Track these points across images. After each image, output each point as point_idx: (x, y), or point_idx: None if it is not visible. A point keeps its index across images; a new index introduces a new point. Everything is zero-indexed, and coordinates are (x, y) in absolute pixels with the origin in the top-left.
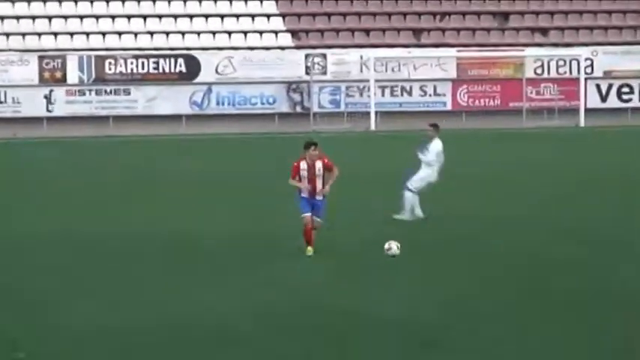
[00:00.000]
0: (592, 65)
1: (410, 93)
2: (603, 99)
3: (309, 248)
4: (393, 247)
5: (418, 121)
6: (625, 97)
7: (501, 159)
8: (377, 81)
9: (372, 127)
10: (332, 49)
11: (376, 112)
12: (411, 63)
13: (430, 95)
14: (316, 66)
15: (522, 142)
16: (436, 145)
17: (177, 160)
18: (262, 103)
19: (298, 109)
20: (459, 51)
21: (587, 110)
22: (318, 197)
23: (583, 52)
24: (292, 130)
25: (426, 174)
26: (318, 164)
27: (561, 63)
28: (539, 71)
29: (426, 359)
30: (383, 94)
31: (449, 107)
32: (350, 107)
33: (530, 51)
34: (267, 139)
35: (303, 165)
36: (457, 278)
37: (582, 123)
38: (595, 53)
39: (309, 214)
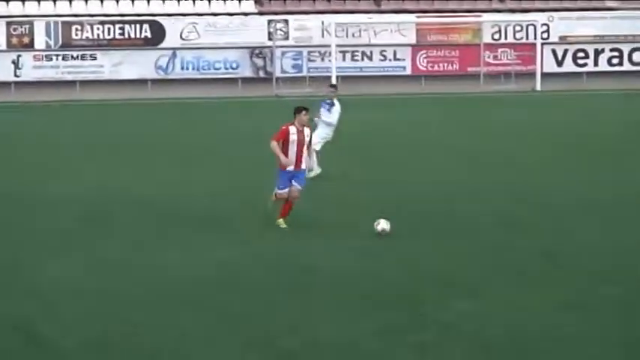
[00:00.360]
0: (548, 31)
1: (370, 58)
2: (559, 63)
3: (281, 220)
4: (382, 223)
5: (378, 86)
6: (580, 61)
7: (459, 122)
8: (338, 46)
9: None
10: (294, 15)
11: (337, 77)
12: (372, 29)
13: (390, 60)
14: (279, 32)
15: (480, 105)
16: (338, 107)
17: (143, 123)
18: (226, 68)
19: (261, 73)
20: (418, 17)
21: (543, 74)
22: (303, 167)
23: (539, 18)
24: (255, 94)
25: (326, 133)
26: (307, 131)
27: (518, 28)
28: (496, 37)
29: (384, 315)
30: (344, 59)
31: (408, 72)
32: (312, 72)
33: (487, 17)
34: (230, 103)
35: (293, 130)
36: (414, 237)
37: (539, 87)
38: (551, 19)
39: (285, 191)
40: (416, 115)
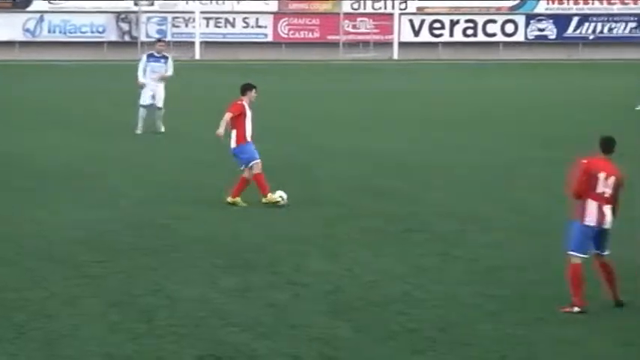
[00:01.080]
0: (406, 1)
1: (233, 25)
2: (416, 33)
3: (271, 196)
4: (279, 192)
5: (240, 52)
6: (436, 32)
7: (317, 89)
8: (202, 13)
9: (197, 56)
10: None
11: (201, 43)
12: None
13: (252, 27)
14: None
15: (340, 73)
16: (171, 60)
17: (11, 85)
18: (92, 32)
19: (127, 38)
20: None
21: (400, 44)
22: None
23: None
24: (120, 58)
25: (163, 89)
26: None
27: None
28: (355, 6)
29: (241, 275)
30: (207, 26)
31: (270, 39)
32: (176, 37)
33: None
34: (96, 66)
35: (246, 106)
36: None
37: (396, 56)
38: None
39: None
40: (276, 82)
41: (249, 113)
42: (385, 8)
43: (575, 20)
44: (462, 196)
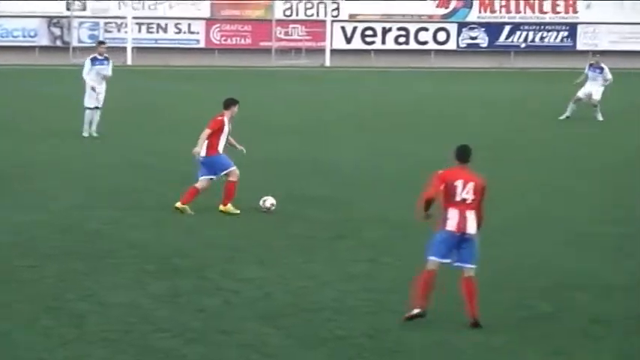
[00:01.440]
0: (338, 8)
1: (165, 30)
2: (348, 41)
3: (230, 207)
4: (270, 199)
5: (173, 57)
6: (368, 39)
7: (250, 95)
8: (134, 18)
9: (129, 61)
10: None
11: (133, 48)
12: (167, 2)
13: (184, 33)
14: (76, 2)
15: (272, 79)
16: (111, 62)
17: None
18: (24, 36)
19: (58, 42)
20: None
21: (332, 51)
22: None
23: None
24: (52, 62)
25: (104, 90)
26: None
27: (309, 6)
28: (288, 13)
29: (171, 281)
30: (140, 31)
31: (202, 45)
32: (108, 42)
33: None
34: (28, 70)
35: (226, 121)
36: (204, 209)
37: (328, 63)
38: None
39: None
40: (208, 88)
41: (227, 128)
42: (317, 15)
43: (506, 29)
44: (392, 202)
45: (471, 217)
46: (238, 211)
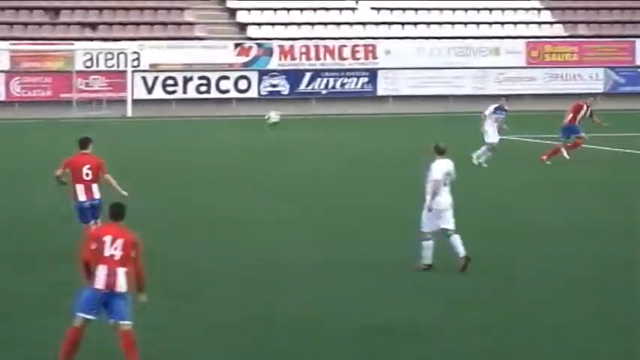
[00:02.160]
0: (139, 58)
1: None
2: (149, 91)
3: None
4: (272, 115)
5: None
6: (169, 88)
7: (49, 148)
8: None
9: None
10: None
11: None
12: None
13: None
14: None
15: (72, 130)
16: None
17: None
18: None
19: None
20: (12, 44)
21: (134, 101)
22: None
23: (130, 46)
24: None
25: None
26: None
27: (110, 56)
28: (88, 64)
29: None
30: None
31: (3, 98)
32: None
33: (80, 45)
34: None
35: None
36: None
37: (130, 113)
38: (142, 47)
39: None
40: (9, 142)
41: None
42: (118, 66)
43: (307, 76)
44: (195, 250)
45: (120, 274)
46: None
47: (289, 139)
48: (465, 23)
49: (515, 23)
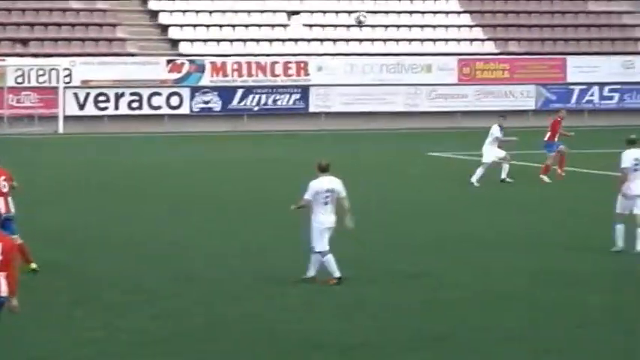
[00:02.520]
0: (70, 75)
1: None
2: (81, 107)
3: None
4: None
5: None
6: (101, 105)
7: None
8: None
9: None
10: None
11: None
12: None
13: None
14: None
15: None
16: None
17: None
18: None
19: None
20: None
21: (65, 117)
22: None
23: (62, 63)
24: None
25: None
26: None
27: (41, 72)
28: (20, 80)
29: None
30: None
31: None
32: None
33: (11, 61)
34: None
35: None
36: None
37: (61, 130)
38: (73, 63)
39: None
40: None
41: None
42: (50, 82)
43: (239, 92)
44: (128, 267)
45: (1, 278)
46: None
47: (217, 157)
48: (397, 40)
49: (447, 40)
